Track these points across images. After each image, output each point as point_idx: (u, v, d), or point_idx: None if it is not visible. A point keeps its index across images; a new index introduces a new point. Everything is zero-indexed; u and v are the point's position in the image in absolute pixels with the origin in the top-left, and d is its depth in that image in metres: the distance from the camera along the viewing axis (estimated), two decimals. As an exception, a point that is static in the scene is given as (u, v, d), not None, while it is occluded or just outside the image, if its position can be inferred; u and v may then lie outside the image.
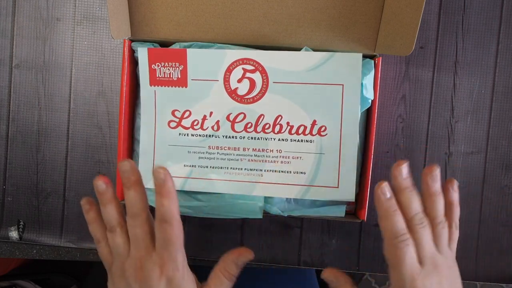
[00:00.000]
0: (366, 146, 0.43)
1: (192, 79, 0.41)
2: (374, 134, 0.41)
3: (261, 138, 0.41)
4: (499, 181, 0.48)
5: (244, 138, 0.41)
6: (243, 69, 0.41)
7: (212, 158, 0.42)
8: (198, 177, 0.42)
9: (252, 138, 0.41)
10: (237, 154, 0.42)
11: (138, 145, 0.43)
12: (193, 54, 0.41)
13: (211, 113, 0.41)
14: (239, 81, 0.41)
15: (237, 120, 0.41)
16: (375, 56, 0.42)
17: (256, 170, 0.42)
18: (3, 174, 0.48)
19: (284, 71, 0.40)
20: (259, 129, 0.41)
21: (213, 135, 0.42)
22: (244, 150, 0.42)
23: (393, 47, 0.40)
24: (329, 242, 0.48)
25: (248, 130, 0.41)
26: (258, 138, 0.41)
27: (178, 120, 0.42)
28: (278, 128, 0.41)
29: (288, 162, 0.41)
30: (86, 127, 0.47)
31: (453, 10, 0.47)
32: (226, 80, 0.41)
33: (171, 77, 0.41)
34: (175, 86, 0.41)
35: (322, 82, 0.40)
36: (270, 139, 0.41)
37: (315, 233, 0.48)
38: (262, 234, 0.48)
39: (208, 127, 0.42)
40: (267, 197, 0.43)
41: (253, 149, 0.41)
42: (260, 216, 0.41)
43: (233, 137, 0.42)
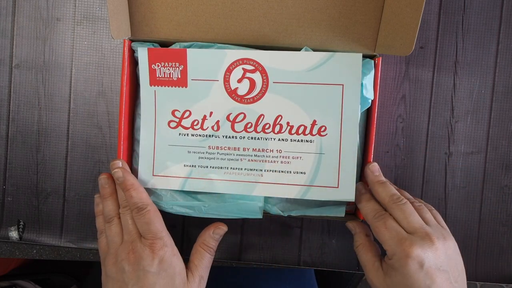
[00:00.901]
0: (366, 146, 0.43)
1: (192, 79, 0.41)
2: (374, 134, 0.41)
3: (261, 138, 0.41)
4: (499, 181, 0.48)
5: (244, 138, 0.41)
6: (243, 69, 0.41)
7: (212, 158, 0.42)
8: (198, 177, 0.42)
9: (252, 138, 0.41)
10: (237, 154, 0.42)
11: (138, 145, 0.43)
12: (193, 54, 0.41)
13: (211, 113, 0.41)
14: (239, 81, 0.41)
15: (237, 120, 0.41)
16: (375, 56, 0.42)
17: (256, 170, 0.42)
18: (3, 174, 0.48)
19: (284, 71, 0.40)
20: (259, 129, 0.41)
21: (213, 135, 0.42)
22: (244, 150, 0.42)
23: (393, 47, 0.40)
24: (329, 242, 0.48)
25: (248, 130, 0.41)
26: (258, 138, 0.41)
27: (178, 120, 0.42)
28: (278, 128, 0.41)
29: (288, 162, 0.41)
30: (86, 127, 0.47)
31: (453, 10, 0.47)
32: (226, 80, 0.41)
33: (171, 77, 0.41)
34: (175, 86, 0.41)
35: (322, 82, 0.40)
36: (270, 139, 0.41)
37: (315, 233, 0.48)
38: (262, 234, 0.48)
39: (208, 127, 0.42)
40: (267, 197, 0.43)
41: (253, 149, 0.41)
42: (260, 216, 0.41)
43: (233, 137, 0.42)
